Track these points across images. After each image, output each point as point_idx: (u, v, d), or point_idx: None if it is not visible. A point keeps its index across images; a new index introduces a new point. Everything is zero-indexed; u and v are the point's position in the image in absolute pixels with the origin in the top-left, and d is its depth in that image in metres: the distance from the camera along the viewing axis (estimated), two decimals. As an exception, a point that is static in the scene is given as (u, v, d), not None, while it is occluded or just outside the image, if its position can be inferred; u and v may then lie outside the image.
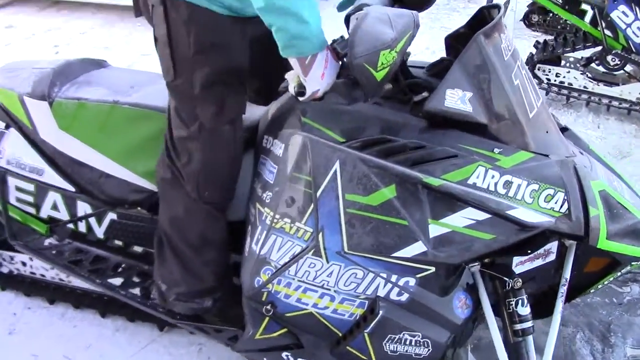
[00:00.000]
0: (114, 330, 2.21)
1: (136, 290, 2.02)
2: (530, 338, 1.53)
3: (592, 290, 1.76)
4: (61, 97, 1.95)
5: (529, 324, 1.51)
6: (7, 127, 2.10)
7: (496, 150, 1.41)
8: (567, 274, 1.57)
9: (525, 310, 1.51)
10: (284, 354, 1.67)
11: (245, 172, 1.73)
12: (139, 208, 1.97)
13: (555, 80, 3.68)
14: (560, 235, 1.48)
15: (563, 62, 3.68)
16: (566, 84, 3.67)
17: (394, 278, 1.44)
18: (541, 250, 1.63)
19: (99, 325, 2.23)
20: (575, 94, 3.66)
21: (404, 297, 1.46)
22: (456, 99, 1.39)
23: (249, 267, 1.58)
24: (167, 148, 1.70)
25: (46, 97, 1.95)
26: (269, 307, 1.56)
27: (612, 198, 1.48)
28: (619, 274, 1.68)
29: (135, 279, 2.05)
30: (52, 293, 2.31)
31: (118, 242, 2.10)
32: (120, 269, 2.10)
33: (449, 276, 1.49)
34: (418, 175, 1.37)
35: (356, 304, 1.50)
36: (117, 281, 2.06)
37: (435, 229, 1.39)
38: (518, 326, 1.51)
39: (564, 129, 1.68)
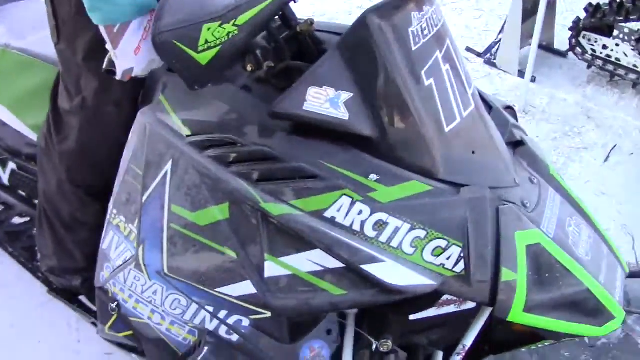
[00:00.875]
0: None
1: (26, 248, 1.82)
2: None
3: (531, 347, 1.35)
4: None
5: None
6: None
7: (372, 176, 1.01)
8: (467, 340, 1.17)
9: None
10: (133, 355, 1.42)
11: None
12: (33, 162, 1.74)
13: (601, 53, 3.05)
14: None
15: (615, 33, 2.99)
16: (613, 59, 3.04)
17: (222, 314, 1.11)
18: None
19: None
20: (622, 72, 3.04)
21: (235, 337, 1.13)
22: (323, 100, 0.99)
23: (99, 258, 1.31)
24: (48, 117, 1.44)
25: None
26: (114, 305, 1.29)
27: (547, 255, 1.06)
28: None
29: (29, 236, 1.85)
30: None
31: (22, 193, 1.90)
32: (21, 221, 1.90)
33: (298, 321, 1.14)
34: (255, 197, 1.01)
35: (186, 330, 1.18)
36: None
37: (272, 268, 1.03)
38: None
39: (517, 143, 1.23)
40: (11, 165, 1.81)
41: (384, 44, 0.98)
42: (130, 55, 1.01)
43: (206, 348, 1.13)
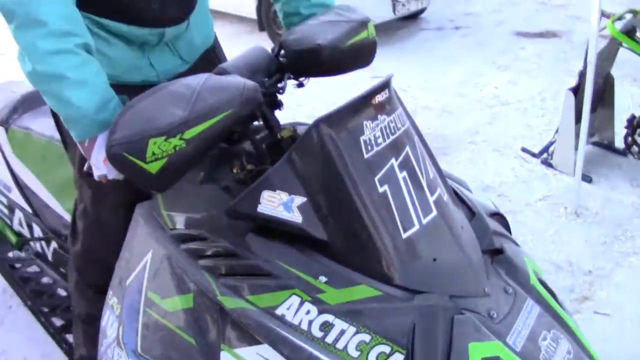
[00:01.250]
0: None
1: (59, 323, 1.97)
2: None
3: None
4: (15, 125, 1.95)
5: None
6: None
7: (322, 278, 1.05)
8: None
9: None
10: None
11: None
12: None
13: None
14: None
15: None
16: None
17: None
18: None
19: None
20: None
21: None
22: (277, 204, 1.06)
23: (99, 334, 1.41)
24: (73, 214, 1.60)
25: (4, 122, 1.96)
26: None
27: None
28: None
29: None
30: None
31: (62, 270, 2.06)
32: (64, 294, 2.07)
33: None
34: (215, 290, 1.08)
35: None
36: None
37: (226, 358, 1.08)
38: None
39: (496, 251, 1.22)
40: (54, 244, 2.00)
41: (335, 152, 1.05)
42: (101, 164, 1.12)
43: None
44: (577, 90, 2.97)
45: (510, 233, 1.39)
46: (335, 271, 1.06)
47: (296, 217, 1.06)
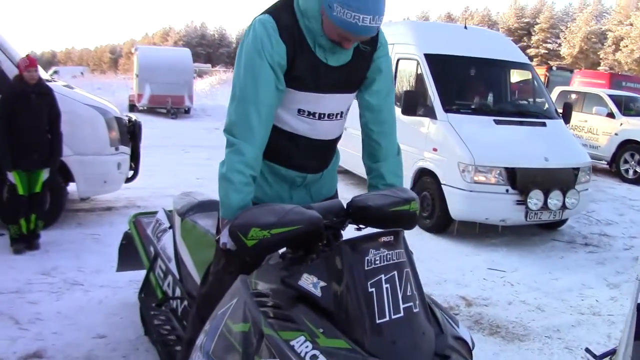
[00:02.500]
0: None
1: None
2: None
3: None
4: (188, 218, 2.96)
5: None
6: (170, 227, 3.21)
7: (320, 329, 1.78)
8: None
9: None
10: None
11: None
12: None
13: None
14: None
15: None
16: None
17: None
18: None
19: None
20: None
21: None
22: (309, 282, 1.84)
23: None
24: (205, 272, 2.50)
25: (182, 215, 2.99)
26: None
27: None
28: None
29: None
30: None
31: (185, 323, 2.91)
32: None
33: None
34: (261, 324, 1.84)
35: None
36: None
37: (257, 366, 1.81)
38: None
39: (444, 356, 1.85)
40: (184, 303, 2.88)
41: (346, 262, 1.81)
42: (226, 236, 2.01)
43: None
44: None
45: (471, 354, 1.99)
46: (330, 328, 1.78)
47: (317, 292, 1.82)
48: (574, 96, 13.12)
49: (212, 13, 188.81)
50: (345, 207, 2.20)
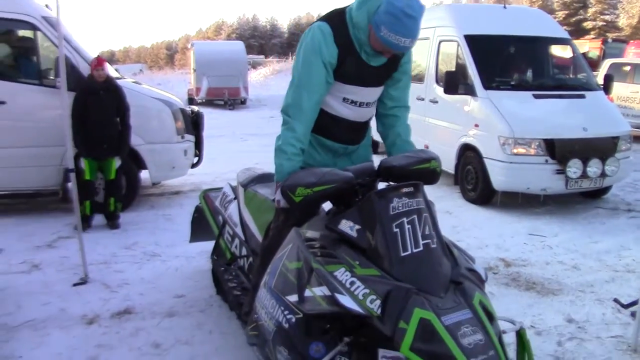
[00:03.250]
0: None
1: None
2: None
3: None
4: (250, 188, 3.50)
5: None
6: (235, 198, 3.76)
7: (357, 262, 2.27)
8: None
9: None
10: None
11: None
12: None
13: None
14: (379, 331, 2.16)
15: None
16: None
17: (285, 311, 2.39)
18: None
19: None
20: None
21: (286, 325, 2.38)
22: (347, 226, 2.34)
23: None
24: (267, 227, 3.05)
25: (245, 186, 3.53)
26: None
27: (432, 327, 2.08)
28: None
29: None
30: None
31: (250, 277, 3.46)
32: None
33: (313, 326, 2.32)
34: (310, 261, 2.35)
35: (273, 321, 2.48)
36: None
37: (307, 292, 2.31)
38: None
39: (458, 283, 2.30)
40: (250, 260, 3.43)
41: (376, 208, 2.30)
42: (279, 195, 2.52)
43: (274, 329, 2.42)
44: None
45: (483, 283, 2.44)
46: (364, 261, 2.27)
47: (354, 234, 2.32)
48: (628, 68, 13.02)
49: (264, 4, 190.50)
50: (375, 168, 2.68)
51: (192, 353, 3.45)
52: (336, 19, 2.68)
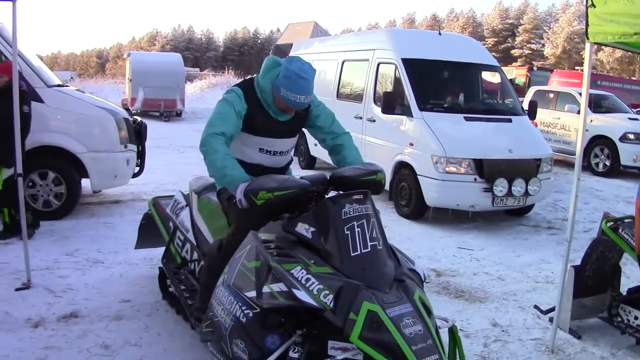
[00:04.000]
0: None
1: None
2: None
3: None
4: (203, 195, 3.67)
5: None
6: (186, 205, 3.91)
7: (312, 261, 2.50)
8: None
9: None
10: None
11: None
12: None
13: (633, 323, 3.87)
14: (331, 322, 2.38)
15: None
16: (643, 331, 3.88)
17: (243, 307, 2.58)
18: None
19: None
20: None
21: (244, 319, 2.57)
22: (303, 228, 2.57)
23: None
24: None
25: (199, 193, 3.70)
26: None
27: (378, 318, 2.32)
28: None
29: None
30: None
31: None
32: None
33: (269, 320, 2.53)
34: (269, 260, 2.55)
35: (230, 316, 2.66)
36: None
37: (266, 289, 2.51)
38: None
39: (400, 281, 2.56)
40: (201, 264, 3.58)
41: (330, 212, 2.54)
42: (240, 197, 2.73)
43: (232, 323, 2.60)
44: (580, 269, 4.11)
45: (422, 282, 2.72)
46: (318, 260, 2.50)
47: (309, 236, 2.54)
48: (551, 95, 13.91)
49: (199, 16, 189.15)
50: (328, 178, 2.92)
51: (142, 354, 3.56)
52: (247, 85, 3.25)
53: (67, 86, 7.00)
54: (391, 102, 7.41)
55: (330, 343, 2.45)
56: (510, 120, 7.69)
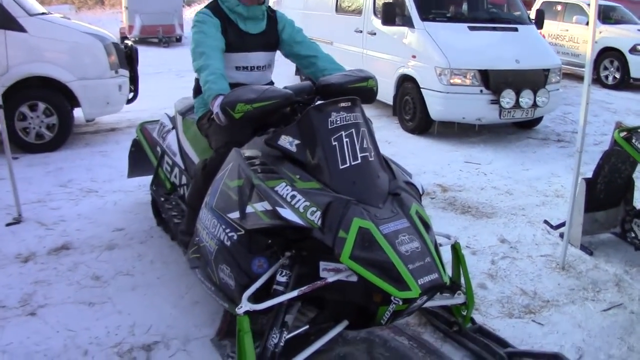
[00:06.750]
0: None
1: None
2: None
3: (382, 323, 2.26)
4: (187, 117, 3.44)
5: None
6: (173, 128, 3.69)
7: (297, 176, 2.29)
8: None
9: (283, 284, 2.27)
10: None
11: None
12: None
13: None
14: (320, 242, 2.19)
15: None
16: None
17: (227, 230, 2.40)
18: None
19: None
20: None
21: (228, 243, 2.40)
22: (286, 142, 2.34)
23: None
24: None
25: (183, 114, 3.46)
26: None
27: (371, 236, 2.13)
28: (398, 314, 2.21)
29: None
30: None
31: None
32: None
33: (255, 242, 2.36)
34: (251, 177, 2.35)
35: (214, 241, 2.49)
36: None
37: (249, 209, 2.32)
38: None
39: (395, 194, 2.35)
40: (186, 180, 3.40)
41: (315, 122, 2.30)
42: (218, 111, 2.50)
43: (216, 247, 2.42)
44: (591, 182, 3.89)
45: (420, 196, 2.51)
46: (304, 174, 2.29)
47: (293, 149, 2.32)
48: (559, 7, 13.26)
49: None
50: (313, 87, 2.67)
51: (134, 283, 3.43)
52: (211, 4, 3.18)
53: (50, 14, 6.64)
54: (391, 13, 7.02)
55: (322, 264, 2.27)
56: (516, 30, 7.28)
